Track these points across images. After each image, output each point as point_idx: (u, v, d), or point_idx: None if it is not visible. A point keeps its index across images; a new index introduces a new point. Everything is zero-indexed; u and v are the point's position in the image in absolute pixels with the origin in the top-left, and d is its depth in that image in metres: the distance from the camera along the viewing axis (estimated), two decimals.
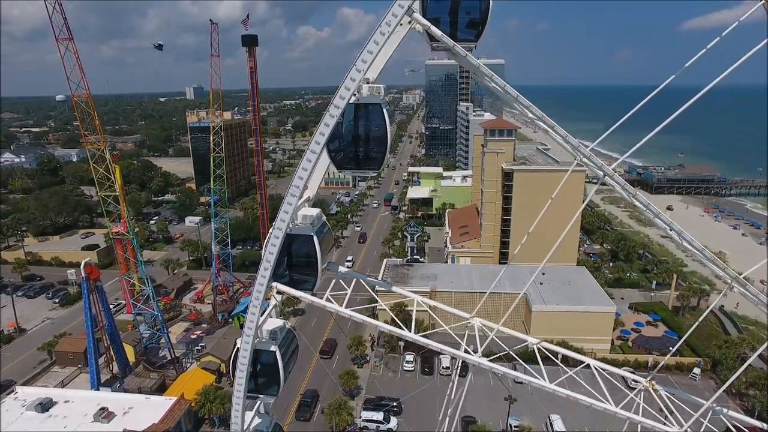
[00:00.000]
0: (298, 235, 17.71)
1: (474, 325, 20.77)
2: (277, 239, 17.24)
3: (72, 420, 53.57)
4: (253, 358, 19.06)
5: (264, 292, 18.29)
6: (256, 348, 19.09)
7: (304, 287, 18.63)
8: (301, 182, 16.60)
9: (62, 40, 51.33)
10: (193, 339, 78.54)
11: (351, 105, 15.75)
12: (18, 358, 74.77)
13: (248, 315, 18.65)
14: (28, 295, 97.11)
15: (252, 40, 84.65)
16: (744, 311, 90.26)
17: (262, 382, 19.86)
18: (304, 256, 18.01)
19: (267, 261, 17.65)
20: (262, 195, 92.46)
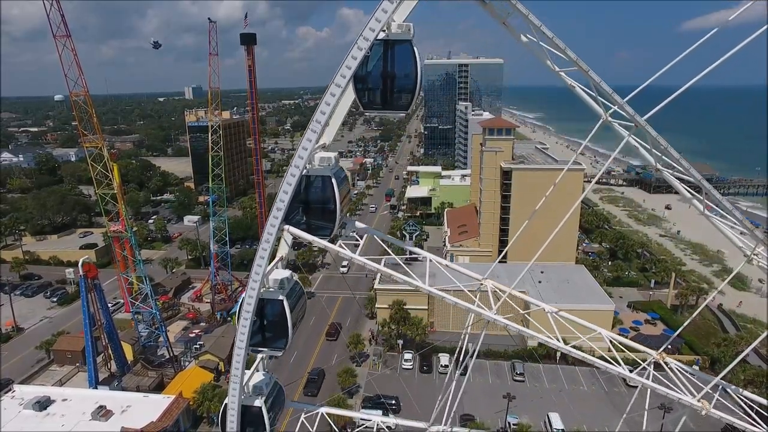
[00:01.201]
0: (316, 177, 16.87)
1: (487, 288, 20.15)
2: (293, 177, 16.33)
3: (70, 418, 53.48)
4: (259, 308, 18.05)
5: (275, 234, 17.23)
6: (262, 297, 18.06)
7: (321, 233, 17.60)
8: (323, 118, 15.76)
9: (60, 37, 51.24)
10: (191, 338, 78.44)
11: (379, 42, 14.98)
12: (16, 357, 74.66)
13: (256, 260, 17.48)
14: (26, 294, 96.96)
15: (250, 38, 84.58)
16: (743, 310, 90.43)
17: (269, 335, 18.83)
18: (321, 200, 17.21)
19: (281, 201, 16.76)
20: (261, 194, 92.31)
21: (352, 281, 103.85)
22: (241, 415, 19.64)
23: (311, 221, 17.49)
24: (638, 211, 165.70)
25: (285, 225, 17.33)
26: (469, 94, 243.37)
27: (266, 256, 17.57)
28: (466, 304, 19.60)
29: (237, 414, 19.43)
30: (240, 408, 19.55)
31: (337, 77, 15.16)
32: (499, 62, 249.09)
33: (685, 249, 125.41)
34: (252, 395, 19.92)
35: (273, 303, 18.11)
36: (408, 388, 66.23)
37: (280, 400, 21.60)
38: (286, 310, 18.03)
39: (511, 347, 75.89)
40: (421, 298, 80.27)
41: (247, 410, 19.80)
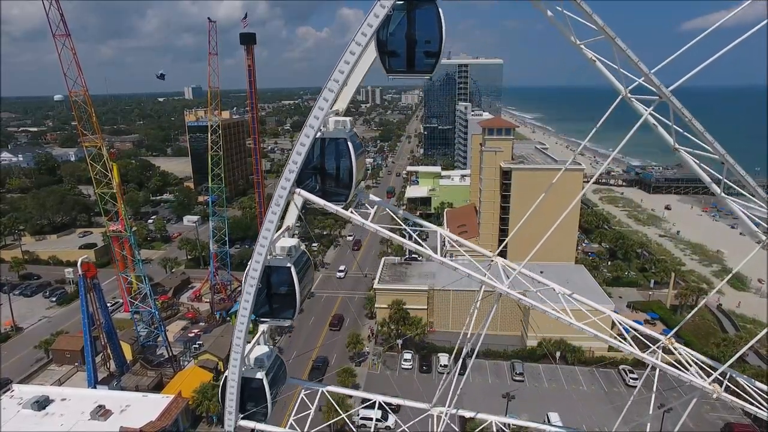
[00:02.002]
0: (331, 140, 16.28)
1: (497, 264, 19.68)
2: (307, 138, 15.71)
3: (69, 418, 53.43)
4: (265, 276, 17.45)
5: (285, 197, 16.59)
6: (269, 264, 17.37)
7: (335, 199, 17.02)
8: (341, 77, 15.09)
9: (59, 36, 51.22)
10: (190, 337, 78.38)
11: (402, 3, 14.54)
12: (15, 357, 74.59)
13: (264, 225, 16.88)
14: (25, 294, 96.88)
15: (250, 38, 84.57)
16: (742, 310, 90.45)
17: (276, 305, 18.23)
18: (336, 164, 16.68)
19: (293, 163, 16.11)
20: (260, 194, 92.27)
21: (351, 282, 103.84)
22: (241, 387, 19.16)
23: (326, 187, 16.96)
24: (638, 211, 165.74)
25: (296, 188, 16.79)
26: (469, 94, 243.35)
27: (275, 221, 16.93)
28: (478, 276, 18.87)
29: (237, 386, 18.91)
30: (240, 380, 19.01)
31: (357, 35, 14.59)
32: (499, 62, 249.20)
33: (684, 249, 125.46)
34: (253, 368, 19.42)
35: (280, 271, 17.49)
36: (407, 388, 66.24)
37: (282, 375, 21.01)
38: (294, 278, 17.42)
39: (511, 347, 75.98)
40: (420, 298, 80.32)
41: (248, 383, 19.31)
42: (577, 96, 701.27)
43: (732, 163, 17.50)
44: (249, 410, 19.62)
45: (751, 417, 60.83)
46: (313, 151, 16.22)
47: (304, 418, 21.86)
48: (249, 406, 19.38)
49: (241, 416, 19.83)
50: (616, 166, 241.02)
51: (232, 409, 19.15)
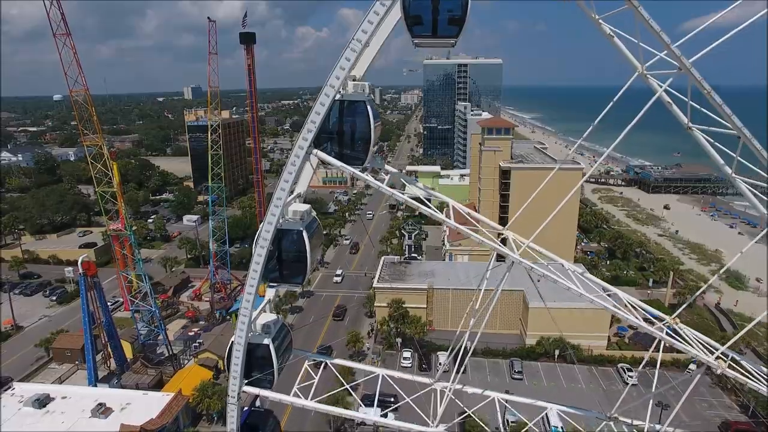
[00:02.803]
0: (350, 102, 16.44)
1: (508, 238, 19.86)
2: (327, 97, 15.93)
3: (69, 416, 53.60)
4: (276, 240, 17.64)
5: (302, 158, 16.72)
6: (281, 228, 17.49)
7: (353, 163, 17.25)
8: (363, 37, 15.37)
9: (60, 35, 51.44)
10: (190, 336, 78.56)
11: None
12: (15, 355, 74.75)
13: (279, 185, 17.12)
14: (25, 293, 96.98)
15: (250, 37, 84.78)
16: (740, 309, 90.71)
17: (287, 270, 18.38)
18: (355, 127, 16.81)
19: (311, 123, 16.35)
20: (260, 193, 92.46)
21: (351, 281, 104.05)
22: (247, 354, 19.19)
23: (343, 149, 17.09)
24: (637, 210, 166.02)
25: (313, 149, 16.93)
26: (468, 94, 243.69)
27: (290, 182, 17.15)
28: (491, 243, 19.27)
29: (243, 351, 18.98)
30: (246, 346, 19.04)
31: (376, 5, 14.80)
32: (498, 62, 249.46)
33: (683, 248, 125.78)
34: (260, 334, 19.41)
35: (292, 234, 17.55)
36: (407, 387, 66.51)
37: (288, 344, 21.08)
38: (306, 242, 17.41)
39: (510, 346, 76.24)
40: (419, 297, 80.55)
41: (254, 349, 19.29)
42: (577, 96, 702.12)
43: (749, 137, 17.38)
44: (254, 377, 19.63)
45: (748, 414, 61.17)
46: (330, 114, 16.36)
47: (308, 388, 21.95)
48: (255, 373, 19.40)
49: (245, 382, 19.82)
50: (616, 166, 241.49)
51: (236, 374, 19.18)
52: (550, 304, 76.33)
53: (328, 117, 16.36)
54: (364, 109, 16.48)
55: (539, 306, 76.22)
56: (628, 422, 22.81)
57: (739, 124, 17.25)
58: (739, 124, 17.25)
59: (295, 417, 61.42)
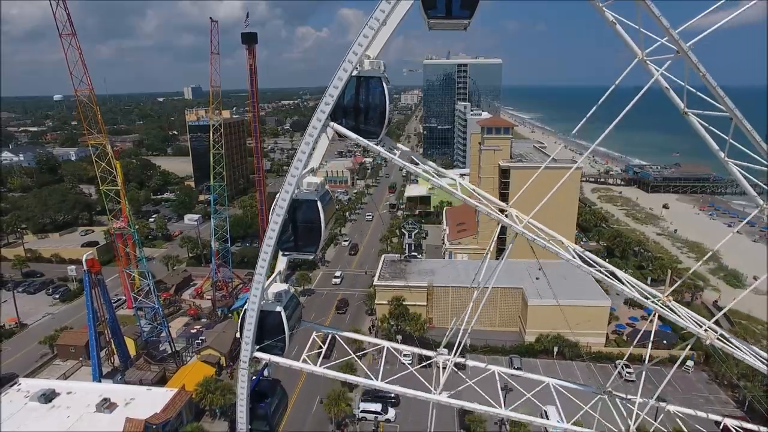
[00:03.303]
0: (367, 78, 17.18)
1: (511, 213, 20.58)
2: (345, 72, 16.81)
3: (75, 410, 54.39)
4: (292, 209, 18.45)
5: (320, 129, 17.45)
6: (296, 198, 18.30)
7: (369, 136, 17.92)
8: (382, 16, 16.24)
9: (66, 35, 52.18)
10: (192, 333, 79.32)
11: None
12: (20, 352, 75.53)
13: (296, 156, 17.91)
14: (29, 291, 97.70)
15: (251, 37, 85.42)
16: (738, 306, 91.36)
17: (301, 240, 19.12)
18: (371, 102, 17.57)
19: (329, 96, 17.06)
20: (262, 192, 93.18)
21: (351, 280, 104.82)
22: (259, 321, 19.99)
23: (359, 123, 17.78)
24: (636, 210, 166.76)
25: (330, 122, 17.65)
26: (468, 94, 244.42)
27: (307, 152, 17.80)
28: (496, 215, 20.15)
29: (255, 317, 19.77)
30: (259, 313, 19.85)
31: None
32: (498, 62, 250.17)
33: (681, 247, 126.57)
34: (272, 302, 20.14)
35: (307, 204, 18.32)
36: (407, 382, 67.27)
37: (298, 314, 21.83)
38: (320, 212, 18.20)
39: (509, 343, 77.02)
40: (419, 295, 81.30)
41: (266, 317, 20.08)
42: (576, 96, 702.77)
43: (740, 118, 18.00)
44: (266, 343, 20.41)
45: (745, 410, 61.93)
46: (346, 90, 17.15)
47: (315, 356, 22.84)
48: (267, 340, 20.16)
49: (257, 347, 20.62)
50: (615, 166, 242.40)
51: (249, 340, 19.95)
52: (548, 301, 77.28)
53: (344, 92, 17.14)
54: (379, 85, 17.25)
55: (538, 303, 77.10)
56: (622, 396, 23.65)
57: (732, 106, 17.86)
58: (732, 106, 17.86)
59: (297, 414, 62.27)
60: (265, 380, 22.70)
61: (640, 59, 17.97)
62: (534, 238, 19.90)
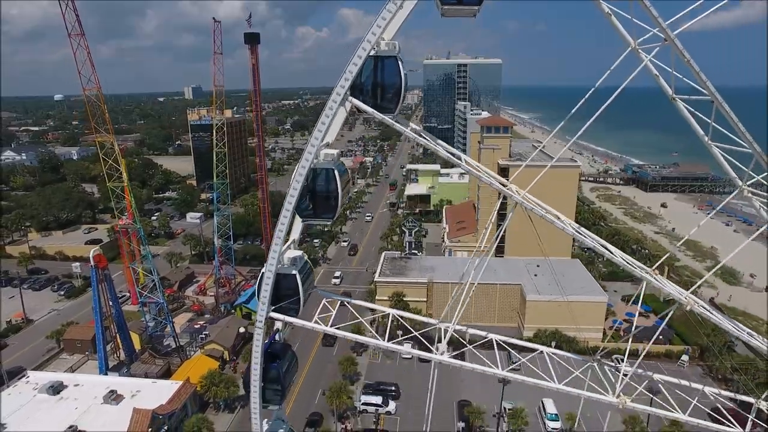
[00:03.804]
0: (384, 57, 18.74)
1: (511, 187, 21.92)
2: (364, 51, 18.33)
3: (82, 402, 55.59)
4: (311, 178, 19.86)
5: (338, 104, 18.99)
6: (314, 167, 19.68)
7: (385, 111, 19.50)
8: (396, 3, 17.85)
9: (75, 35, 53.43)
10: (196, 329, 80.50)
11: None
12: (26, 347, 76.80)
13: (315, 129, 19.33)
14: (34, 288, 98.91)
15: (254, 37, 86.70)
16: (734, 303, 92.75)
17: (320, 206, 20.53)
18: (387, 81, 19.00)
19: (349, 72, 18.57)
20: (264, 190, 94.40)
21: (352, 276, 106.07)
22: (276, 283, 21.34)
23: (376, 98, 19.34)
24: (634, 209, 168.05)
25: (349, 97, 19.10)
26: (468, 93, 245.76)
27: (327, 123, 19.24)
28: (497, 185, 21.68)
29: (272, 279, 21.12)
30: (275, 276, 21.19)
31: None
32: (498, 62, 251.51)
33: (680, 246, 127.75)
34: (288, 266, 21.45)
35: (325, 173, 19.80)
36: (407, 376, 68.59)
37: (311, 279, 23.18)
38: (338, 180, 19.68)
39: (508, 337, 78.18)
40: (419, 290, 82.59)
41: (282, 279, 21.40)
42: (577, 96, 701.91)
43: (720, 101, 19.49)
44: (281, 305, 21.86)
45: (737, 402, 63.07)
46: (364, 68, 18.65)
47: (326, 319, 24.30)
48: (282, 302, 21.57)
49: (272, 308, 22.00)
50: (614, 165, 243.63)
51: (265, 301, 21.32)
52: (546, 297, 78.57)
53: (362, 70, 18.62)
54: (395, 63, 18.74)
55: (536, 299, 78.38)
56: (610, 364, 25.00)
57: (713, 90, 19.27)
58: (713, 90, 19.27)
59: (300, 406, 63.51)
60: (278, 343, 24.09)
61: (632, 48, 19.38)
62: (532, 207, 21.40)
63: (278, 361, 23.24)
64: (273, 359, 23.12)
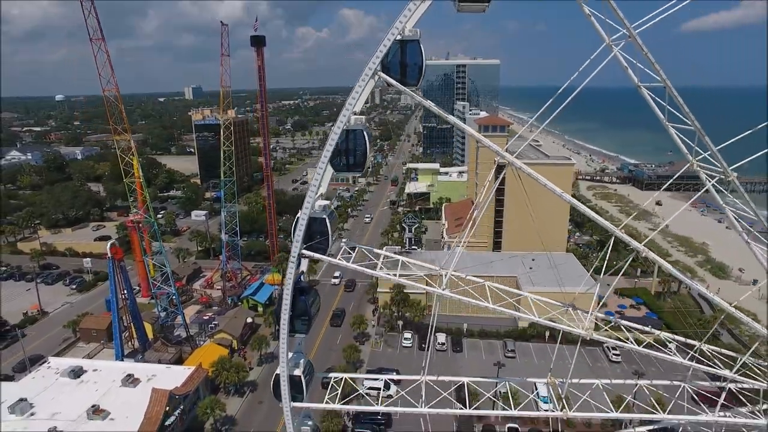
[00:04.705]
0: (408, 41, 22.82)
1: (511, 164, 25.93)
2: (392, 35, 22.44)
3: (102, 385, 58.96)
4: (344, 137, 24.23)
5: (369, 76, 22.99)
6: (347, 129, 24.06)
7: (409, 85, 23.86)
8: None
9: (96, 40, 56.88)
10: (205, 320, 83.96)
11: None
12: (43, 336, 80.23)
13: (350, 96, 23.34)
14: (47, 282, 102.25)
15: (260, 40, 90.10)
16: (722, 296, 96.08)
17: (351, 161, 24.93)
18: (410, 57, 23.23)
19: (380, 51, 22.65)
20: (270, 187, 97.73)
21: (352, 275, 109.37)
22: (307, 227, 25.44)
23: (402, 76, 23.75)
24: (630, 206, 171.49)
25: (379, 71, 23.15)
26: (467, 94, 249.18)
27: (360, 92, 23.29)
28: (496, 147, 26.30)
29: (305, 222, 25.14)
30: (308, 220, 25.23)
31: None
32: (496, 63, 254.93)
33: (672, 241, 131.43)
34: (320, 211, 25.57)
35: (356, 133, 24.35)
36: (408, 363, 72.00)
37: (335, 225, 26.93)
38: (366, 140, 24.33)
39: (504, 328, 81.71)
40: (419, 283, 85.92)
41: (312, 223, 25.50)
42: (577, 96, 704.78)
43: (671, 87, 23.74)
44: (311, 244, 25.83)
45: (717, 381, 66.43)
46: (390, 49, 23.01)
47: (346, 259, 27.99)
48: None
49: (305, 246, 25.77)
50: (611, 164, 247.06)
51: (299, 239, 25.26)
52: (540, 288, 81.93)
53: (389, 51, 22.82)
54: (418, 46, 23.07)
55: (531, 290, 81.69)
56: (584, 310, 28.59)
57: (664, 76, 23.46)
58: (664, 76, 23.46)
59: None
60: (304, 282, 27.81)
61: (607, 44, 23.56)
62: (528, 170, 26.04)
63: (305, 296, 27.11)
64: (301, 294, 26.91)
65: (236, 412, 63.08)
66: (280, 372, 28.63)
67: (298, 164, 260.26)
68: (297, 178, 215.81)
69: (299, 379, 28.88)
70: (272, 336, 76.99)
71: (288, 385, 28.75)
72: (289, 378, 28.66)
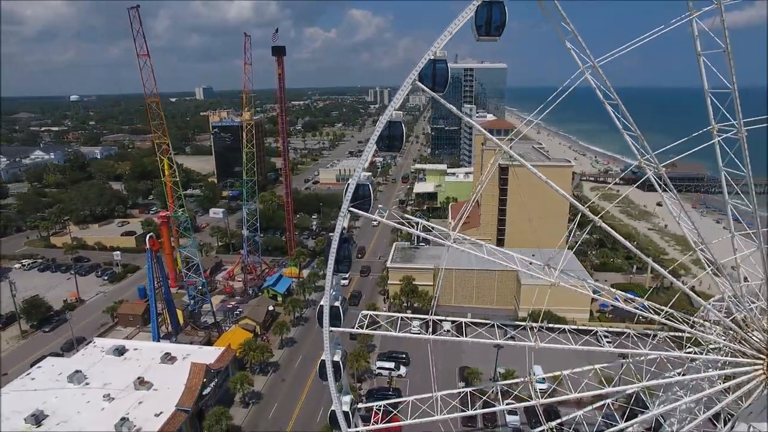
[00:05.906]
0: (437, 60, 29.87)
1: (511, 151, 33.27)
2: (427, 57, 29.43)
3: (143, 362, 66.25)
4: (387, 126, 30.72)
5: (410, 84, 29.64)
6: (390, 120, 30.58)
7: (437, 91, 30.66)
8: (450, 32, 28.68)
9: (142, 56, 64.22)
10: (229, 308, 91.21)
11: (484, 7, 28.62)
12: (83, 321, 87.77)
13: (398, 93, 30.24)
14: (80, 273, 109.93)
15: (281, 50, 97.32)
16: (713, 291, 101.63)
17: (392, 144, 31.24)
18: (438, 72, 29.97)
19: (417, 67, 29.46)
20: (288, 185, 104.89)
21: (364, 265, 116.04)
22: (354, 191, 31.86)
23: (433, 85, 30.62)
24: (630, 207, 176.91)
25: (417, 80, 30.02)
26: (474, 96, 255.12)
27: (401, 96, 30.19)
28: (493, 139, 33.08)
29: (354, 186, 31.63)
30: (357, 184, 31.73)
31: None
32: (503, 67, 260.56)
33: (669, 241, 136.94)
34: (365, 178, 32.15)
35: (396, 124, 30.93)
36: (416, 347, 78.59)
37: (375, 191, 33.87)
38: (403, 128, 31.34)
39: (505, 316, 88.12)
40: (427, 276, 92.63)
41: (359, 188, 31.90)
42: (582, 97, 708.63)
43: (620, 103, 30.38)
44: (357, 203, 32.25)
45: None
46: None
47: None
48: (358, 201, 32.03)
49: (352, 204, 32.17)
50: (615, 166, 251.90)
51: (348, 198, 31.64)
52: (539, 281, 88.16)
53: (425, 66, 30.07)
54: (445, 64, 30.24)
55: (531, 283, 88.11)
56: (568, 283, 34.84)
57: (615, 97, 30.38)
58: (615, 97, 30.38)
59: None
60: (347, 234, 34.43)
61: (581, 69, 30.55)
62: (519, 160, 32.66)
63: (347, 244, 33.73)
64: (345, 242, 33.55)
65: (261, 387, 70.09)
66: (324, 303, 35.11)
67: (310, 164, 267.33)
68: (309, 178, 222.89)
69: (338, 310, 35.13)
70: (291, 323, 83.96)
71: (328, 312, 35.09)
72: (330, 308, 34.93)
